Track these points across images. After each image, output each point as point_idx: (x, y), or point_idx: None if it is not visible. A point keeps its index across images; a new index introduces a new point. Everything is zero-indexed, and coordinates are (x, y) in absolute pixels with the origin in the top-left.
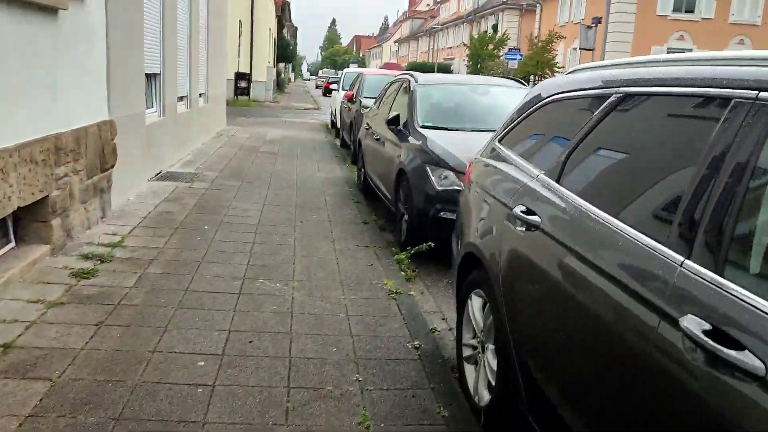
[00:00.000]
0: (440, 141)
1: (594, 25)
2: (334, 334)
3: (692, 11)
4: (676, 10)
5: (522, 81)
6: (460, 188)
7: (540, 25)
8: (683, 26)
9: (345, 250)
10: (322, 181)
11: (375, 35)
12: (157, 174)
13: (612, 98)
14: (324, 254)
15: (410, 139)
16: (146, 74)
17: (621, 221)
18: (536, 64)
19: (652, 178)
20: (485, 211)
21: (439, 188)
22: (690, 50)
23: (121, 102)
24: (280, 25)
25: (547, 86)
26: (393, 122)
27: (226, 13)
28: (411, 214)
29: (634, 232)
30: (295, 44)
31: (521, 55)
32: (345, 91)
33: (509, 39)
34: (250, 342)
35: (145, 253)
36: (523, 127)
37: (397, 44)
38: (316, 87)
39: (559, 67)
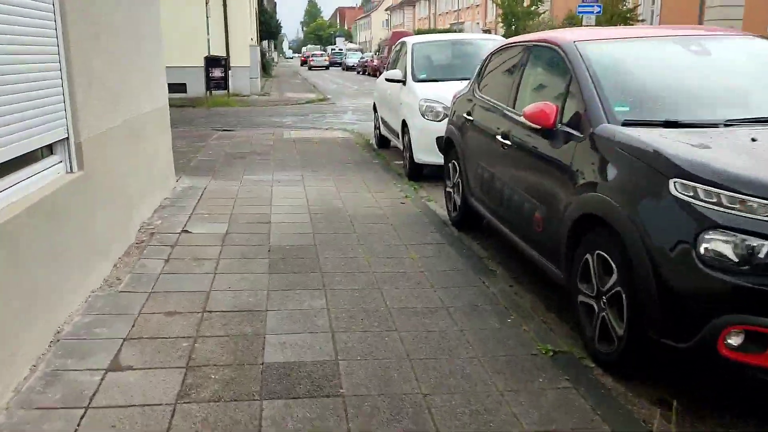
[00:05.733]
0: None
1: None
2: None
3: None
4: None
5: None
6: None
7: None
8: None
9: None
10: None
11: (359, 5)
12: None
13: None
14: None
15: None
16: None
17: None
18: (610, 18)
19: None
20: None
21: None
22: None
23: None
24: None
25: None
26: None
27: None
28: None
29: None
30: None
31: (600, 6)
32: (420, 83)
33: None
34: None
35: None
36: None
37: (388, 12)
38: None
39: (641, 20)
